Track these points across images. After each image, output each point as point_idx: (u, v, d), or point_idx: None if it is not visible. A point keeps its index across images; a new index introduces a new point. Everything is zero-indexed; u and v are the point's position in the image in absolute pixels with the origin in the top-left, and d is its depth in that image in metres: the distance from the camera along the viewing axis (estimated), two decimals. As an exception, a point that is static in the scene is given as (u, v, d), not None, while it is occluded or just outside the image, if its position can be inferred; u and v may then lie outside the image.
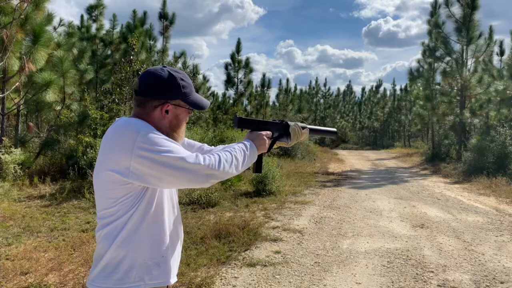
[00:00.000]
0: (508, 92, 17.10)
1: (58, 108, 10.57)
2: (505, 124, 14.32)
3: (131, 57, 11.30)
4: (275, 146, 1.84)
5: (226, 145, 1.71)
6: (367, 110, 44.74)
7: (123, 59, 11.61)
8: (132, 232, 1.44)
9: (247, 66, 22.00)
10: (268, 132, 1.76)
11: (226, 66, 22.09)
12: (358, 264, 4.61)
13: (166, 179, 1.39)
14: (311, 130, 1.92)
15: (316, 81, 41.99)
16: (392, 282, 4.08)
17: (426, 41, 19.79)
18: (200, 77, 23.87)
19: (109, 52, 16.71)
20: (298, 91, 37.70)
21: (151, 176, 1.38)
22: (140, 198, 1.44)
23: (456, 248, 5.25)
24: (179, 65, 20.70)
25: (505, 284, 4.03)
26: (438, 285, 4.00)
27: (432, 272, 4.38)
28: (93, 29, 17.02)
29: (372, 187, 10.94)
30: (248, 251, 5.00)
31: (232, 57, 21.98)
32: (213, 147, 1.86)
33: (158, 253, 1.50)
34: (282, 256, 4.85)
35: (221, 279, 4.10)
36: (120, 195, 1.42)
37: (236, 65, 21.88)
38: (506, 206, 8.33)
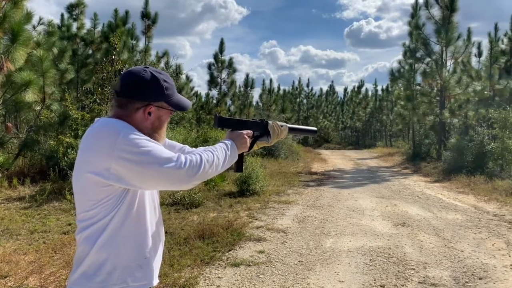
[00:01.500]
0: (486, 92, 17.51)
1: (38, 108, 10.38)
2: (483, 124, 14.64)
3: (113, 56, 11.17)
4: (257, 147, 1.85)
5: (206, 146, 1.70)
6: (350, 110, 45.19)
7: (104, 59, 11.46)
8: (114, 234, 1.43)
9: (231, 66, 21.97)
10: (249, 131, 1.76)
11: (209, 66, 22.02)
12: (341, 263, 4.66)
13: (148, 180, 1.38)
14: (290, 128, 1.93)
15: (299, 82, 42.25)
16: (374, 280, 4.14)
17: (407, 42, 20.12)
18: (183, 77, 23.72)
19: (90, 51, 16.47)
20: (281, 92, 37.85)
21: (132, 177, 1.36)
22: (121, 200, 1.42)
23: (436, 246, 5.35)
24: (162, 65, 20.53)
25: (483, 280, 4.13)
26: (419, 282, 4.08)
27: (413, 269, 4.46)
28: (74, 28, 16.74)
29: (355, 187, 11.06)
30: (232, 251, 5.01)
31: (215, 57, 21.92)
32: (194, 148, 1.84)
33: (140, 254, 1.49)
34: (266, 255, 4.87)
35: (205, 280, 4.09)
36: (100, 197, 1.40)
37: (220, 65, 21.83)
38: (484, 204, 8.53)
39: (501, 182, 10.46)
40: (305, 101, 41.81)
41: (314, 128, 2.05)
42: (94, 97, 10.61)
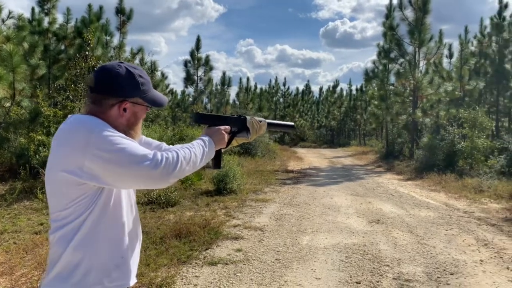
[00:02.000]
0: (456, 93, 18.03)
1: (8, 104, 10.05)
2: (454, 123, 15.07)
3: (87, 52, 10.91)
4: (236, 143, 1.84)
5: (183, 144, 1.68)
6: (325, 109, 45.71)
7: (78, 55, 11.17)
8: (89, 233, 1.39)
9: (207, 64, 21.84)
10: (227, 127, 1.73)
11: (186, 64, 21.81)
12: (318, 260, 4.71)
13: (122, 179, 1.34)
14: (269, 124, 1.92)
15: (276, 81, 42.38)
16: (350, 277, 4.20)
17: (381, 42, 20.50)
18: (159, 74, 23.45)
19: (62, 47, 16.04)
20: (258, 90, 37.91)
21: (106, 176, 1.32)
22: (96, 198, 1.38)
23: (410, 242, 5.48)
24: (137, 61, 20.23)
25: (454, 275, 4.25)
26: (394, 278, 4.16)
27: (388, 265, 4.55)
28: (45, 23, 16.25)
29: (330, 184, 11.20)
30: (209, 250, 4.99)
31: (192, 54, 21.73)
32: (171, 146, 1.80)
33: (117, 254, 1.45)
34: (243, 254, 4.87)
35: (182, 279, 4.06)
36: (74, 196, 1.36)
37: (196, 62, 21.65)
38: (455, 201, 8.79)
39: (470, 180, 10.80)
40: (281, 100, 42.04)
41: (292, 124, 2.05)
42: (67, 93, 10.34)
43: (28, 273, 3.97)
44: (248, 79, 30.91)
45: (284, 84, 42.54)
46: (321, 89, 50.95)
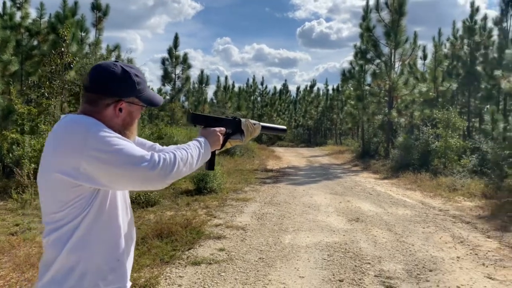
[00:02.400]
0: (430, 94, 18.47)
1: (-22, 101, 9.71)
2: (428, 123, 15.44)
3: (62, 49, 10.65)
4: (230, 145, 1.84)
5: (178, 145, 1.66)
6: (302, 109, 46.05)
7: (53, 51, 10.88)
8: (85, 236, 1.36)
9: (185, 62, 21.67)
10: (222, 129, 1.73)
11: (163, 61, 21.59)
12: (300, 258, 4.75)
13: (119, 180, 1.32)
14: (263, 126, 1.93)
15: (254, 80, 42.49)
16: (333, 275, 4.26)
17: (358, 43, 20.79)
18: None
19: (35, 42, 15.61)
20: (236, 89, 37.88)
21: (103, 177, 1.30)
22: (92, 200, 1.36)
23: (389, 240, 5.59)
24: (113, 59, 19.88)
25: (433, 272, 4.37)
26: (375, 276, 4.24)
27: (369, 263, 4.63)
28: (18, 18, 15.78)
29: (309, 183, 11.30)
30: (192, 249, 4.96)
31: (170, 52, 21.52)
32: (165, 147, 1.78)
33: (113, 257, 1.43)
34: (226, 253, 4.87)
35: (166, 279, 4.03)
36: (69, 198, 1.33)
37: (174, 60, 21.45)
38: (430, 199, 9.02)
39: (444, 179, 11.10)
40: (259, 99, 42.13)
41: (284, 127, 2.08)
42: (42, 91, 10.08)
43: (6, 276, 3.86)
44: (226, 77, 30.97)
45: (262, 83, 42.75)
46: (298, 88, 51.23)
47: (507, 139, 12.95)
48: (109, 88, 1.40)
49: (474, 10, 19.44)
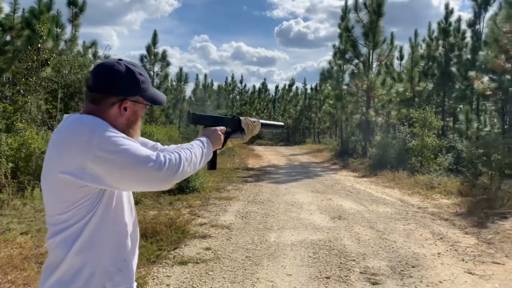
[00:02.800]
0: (407, 93, 18.87)
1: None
2: (405, 122, 15.77)
3: (39, 45, 10.37)
4: (231, 143, 1.85)
5: (181, 144, 1.66)
6: (281, 107, 46.31)
7: (29, 47, 10.59)
8: (91, 237, 1.35)
9: (164, 59, 21.45)
10: (223, 128, 1.74)
11: (142, 59, 21.31)
12: (287, 256, 4.80)
13: (125, 180, 1.31)
14: (262, 124, 1.94)
15: (233, 78, 42.48)
16: (320, 272, 4.32)
17: (337, 43, 21.04)
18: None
19: (8, 38, 15.15)
20: (215, 87, 37.75)
21: (109, 177, 1.29)
22: (98, 201, 1.35)
23: (372, 237, 5.70)
24: (90, 55, 19.51)
25: (416, 268, 4.48)
26: (361, 273, 4.32)
27: (354, 260, 4.72)
28: (-10, 12, 15.28)
29: (290, 182, 11.39)
30: (178, 249, 4.94)
31: (148, 49, 21.27)
32: (166, 146, 1.78)
33: (120, 257, 1.43)
34: (213, 252, 4.87)
35: (154, 279, 4.00)
36: (76, 199, 1.31)
37: (153, 57, 21.21)
38: (409, 197, 9.23)
39: (421, 177, 11.37)
40: (238, 97, 42.11)
41: (282, 123, 2.09)
42: (18, 87, 9.80)
43: (-13, 278, 3.75)
44: (206, 75, 30.77)
45: (241, 82, 42.69)
46: (277, 87, 51.46)
47: (481, 138, 13.37)
48: (114, 87, 1.39)
49: (449, 12, 19.95)
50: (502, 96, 16.03)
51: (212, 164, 1.79)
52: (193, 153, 1.47)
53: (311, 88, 42.00)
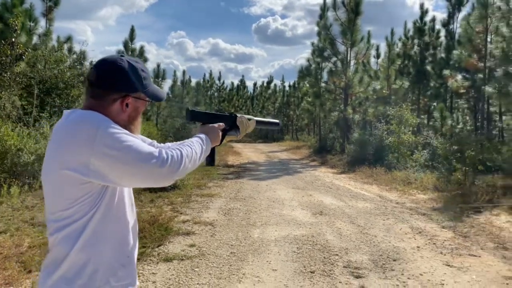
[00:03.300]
0: (384, 91, 19.23)
1: None
2: (382, 120, 16.07)
3: (13, 39, 10.09)
4: (225, 140, 1.87)
5: (181, 141, 1.68)
6: (259, 104, 46.40)
7: (3, 41, 10.28)
8: (95, 233, 1.36)
9: (142, 55, 21.18)
10: (221, 124, 1.76)
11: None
12: (271, 252, 4.85)
13: (128, 176, 1.32)
14: (257, 121, 1.97)
15: (211, 75, 42.29)
16: (304, 267, 4.39)
17: (315, 41, 21.21)
18: (87, 64, 22.32)
19: (-20, 31, 14.66)
20: (193, 84, 37.46)
21: (113, 174, 1.30)
22: (101, 197, 1.36)
23: (353, 232, 5.82)
24: (65, 50, 19.05)
25: (397, 262, 4.60)
26: (344, 267, 4.41)
27: (337, 255, 4.80)
28: (-41, 4, 14.75)
29: (271, 178, 11.46)
30: (162, 246, 4.93)
31: (126, 45, 20.95)
32: (163, 144, 1.79)
33: (123, 253, 1.44)
34: (197, 249, 4.87)
35: (139, 276, 3.98)
36: (79, 195, 1.32)
37: (130, 53, 20.88)
38: (387, 193, 9.43)
39: (399, 173, 11.63)
40: (216, 94, 41.95)
41: (277, 121, 2.11)
42: (-9, 83, 9.52)
43: (-33, 279, 3.66)
44: (184, 72, 30.46)
45: (219, 79, 42.53)
46: (255, 84, 51.63)
47: (455, 135, 13.77)
48: (117, 83, 1.40)
49: (424, 11, 20.38)
50: (475, 94, 16.56)
51: (211, 160, 1.81)
52: (193, 150, 1.49)
53: (290, 86, 42.20)
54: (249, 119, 1.90)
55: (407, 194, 9.12)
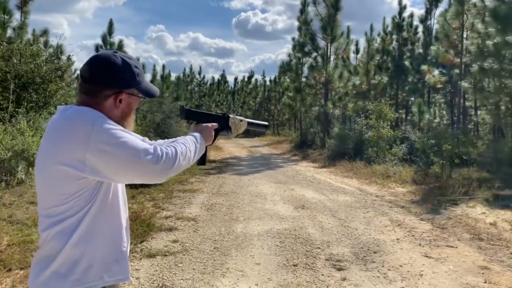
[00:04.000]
0: (363, 86, 19.47)
1: None
2: (362, 114, 16.28)
3: (-13, 32, 9.79)
4: (216, 140, 1.90)
5: (175, 138, 1.69)
6: (240, 99, 46.37)
7: (-24, 34, 9.96)
8: (89, 228, 1.37)
9: (121, 49, 20.82)
10: (215, 124, 1.78)
11: (97, 49, 20.55)
12: (254, 246, 4.89)
13: (123, 172, 1.34)
14: (249, 123, 2.00)
15: (191, 69, 42.00)
16: (287, 260, 4.44)
17: (296, 36, 21.27)
18: (64, 58, 21.84)
19: (-49, 24, 14.20)
20: (173, 78, 37.12)
21: (108, 169, 1.31)
22: (96, 193, 1.37)
23: (335, 225, 5.91)
24: (41, 44, 18.60)
25: (377, 254, 4.71)
26: (326, 259, 4.49)
27: (319, 248, 4.88)
28: None
29: (253, 173, 11.50)
30: (145, 242, 4.91)
31: (104, 39, 20.55)
32: (154, 141, 1.80)
33: (116, 248, 1.45)
34: (180, 244, 4.87)
35: (122, 273, 3.96)
36: (73, 190, 1.33)
37: (108, 47, 20.52)
38: (367, 186, 9.59)
39: (378, 167, 11.83)
40: (196, 89, 41.68)
41: (266, 123, 2.16)
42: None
43: None
44: (164, 66, 30.18)
45: (199, 73, 42.25)
46: (236, 79, 51.45)
47: (432, 130, 14.07)
48: (110, 80, 1.41)
49: (402, 7, 20.68)
50: (451, 89, 16.95)
51: (202, 160, 1.83)
52: (188, 148, 1.51)
53: (270, 81, 42.31)
54: (241, 120, 1.93)
55: (386, 188, 9.30)
